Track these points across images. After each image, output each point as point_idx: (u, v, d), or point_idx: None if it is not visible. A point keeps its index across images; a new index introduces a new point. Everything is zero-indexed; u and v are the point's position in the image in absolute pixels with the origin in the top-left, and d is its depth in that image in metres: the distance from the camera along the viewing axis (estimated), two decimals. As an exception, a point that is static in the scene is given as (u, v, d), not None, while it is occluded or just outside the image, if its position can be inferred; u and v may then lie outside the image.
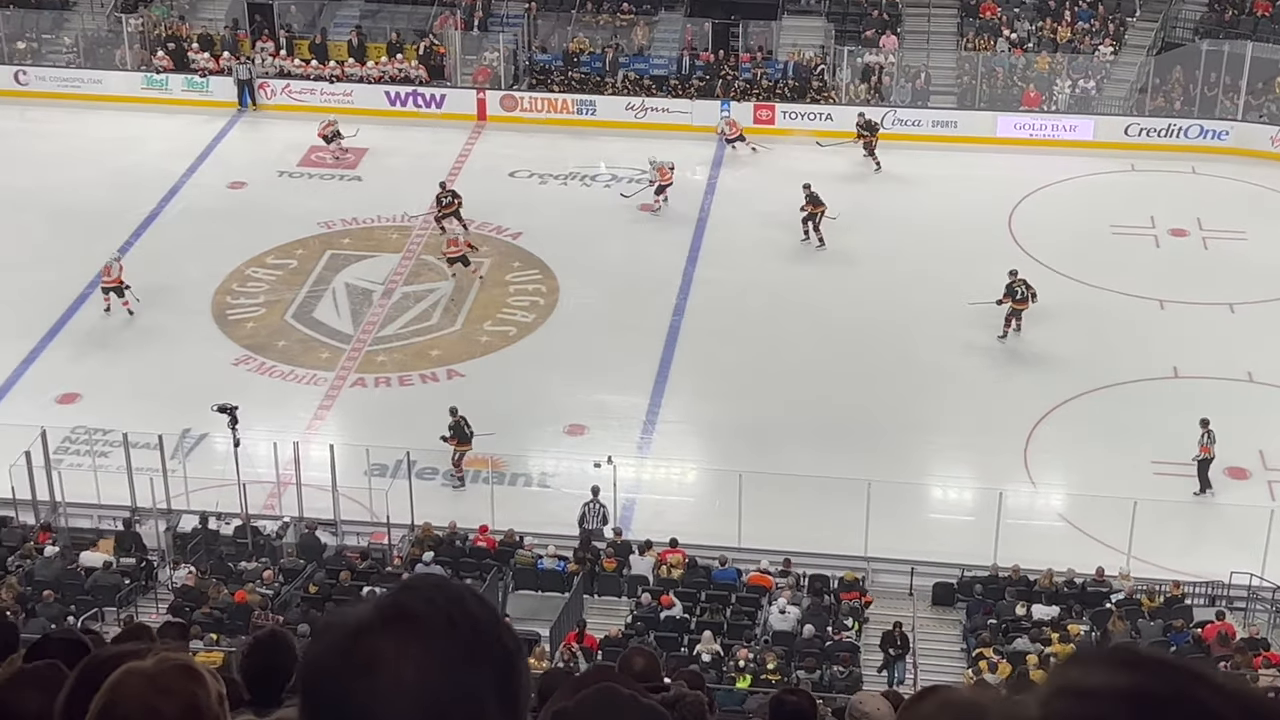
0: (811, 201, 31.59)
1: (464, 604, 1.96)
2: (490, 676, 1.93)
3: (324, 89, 37.94)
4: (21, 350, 28.16)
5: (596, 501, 24.03)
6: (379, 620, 1.92)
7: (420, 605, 1.94)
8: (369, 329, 29.36)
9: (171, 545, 23.65)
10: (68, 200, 33.08)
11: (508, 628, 1.99)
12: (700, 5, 39.03)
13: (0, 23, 39.45)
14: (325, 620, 1.98)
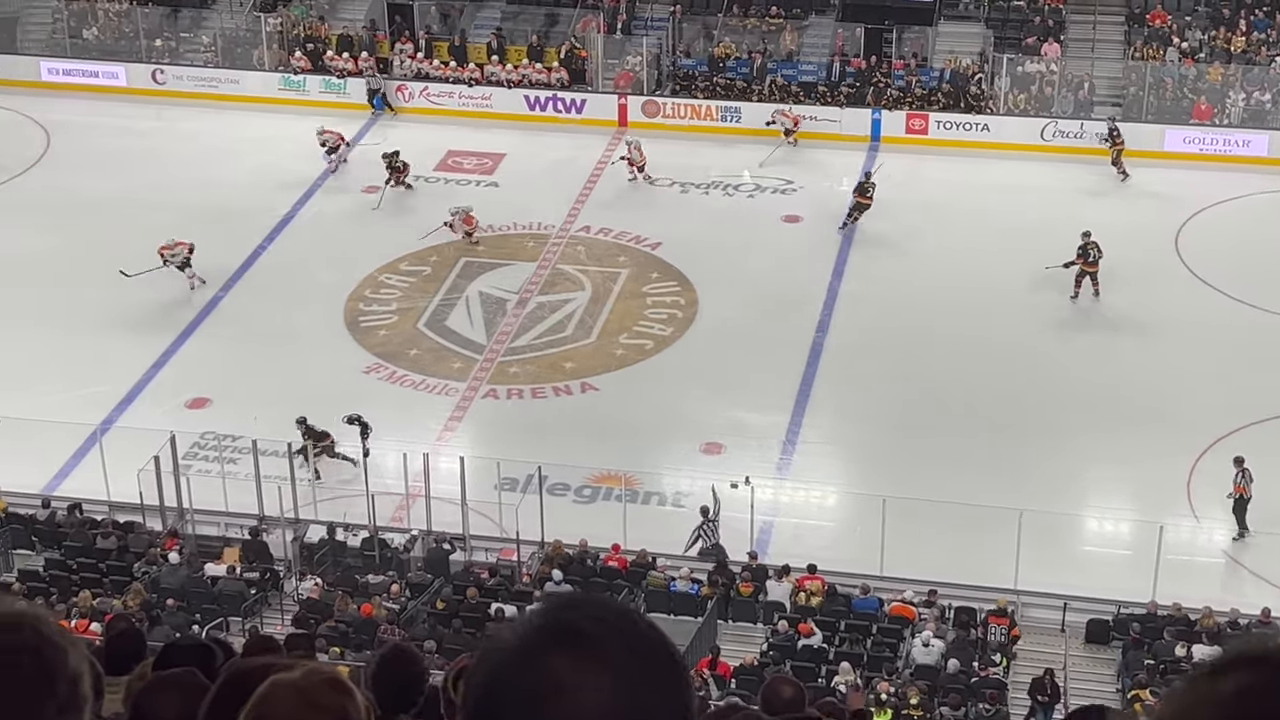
0: (860, 192, 32.14)
1: (635, 623, 1.94)
2: (665, 698, 1.91)
3: (462, 92, 38.38)
4: (153, 353, 28.80)
5: (708, 522, 23.90)
6: (551, 640, 1.90)
7: (590, 624, 1.92)
8: (502, 339, 29.60)
9: (298, 556, 24.01)
10: (202, 201, 33.80)
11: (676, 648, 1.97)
12: (852, 9, 38.87)
13: (139, 20, 40.47)
14: (489, 641, 1.96)
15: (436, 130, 37.39)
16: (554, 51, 38.89)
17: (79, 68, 39.60)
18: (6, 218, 33.31)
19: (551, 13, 40.08)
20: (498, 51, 38.83)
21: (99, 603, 21.39)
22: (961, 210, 33.40)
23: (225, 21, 40.69)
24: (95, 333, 29.09)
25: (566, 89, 38.30)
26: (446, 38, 39.61)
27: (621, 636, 1.91)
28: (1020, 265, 31.12)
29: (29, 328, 29.31)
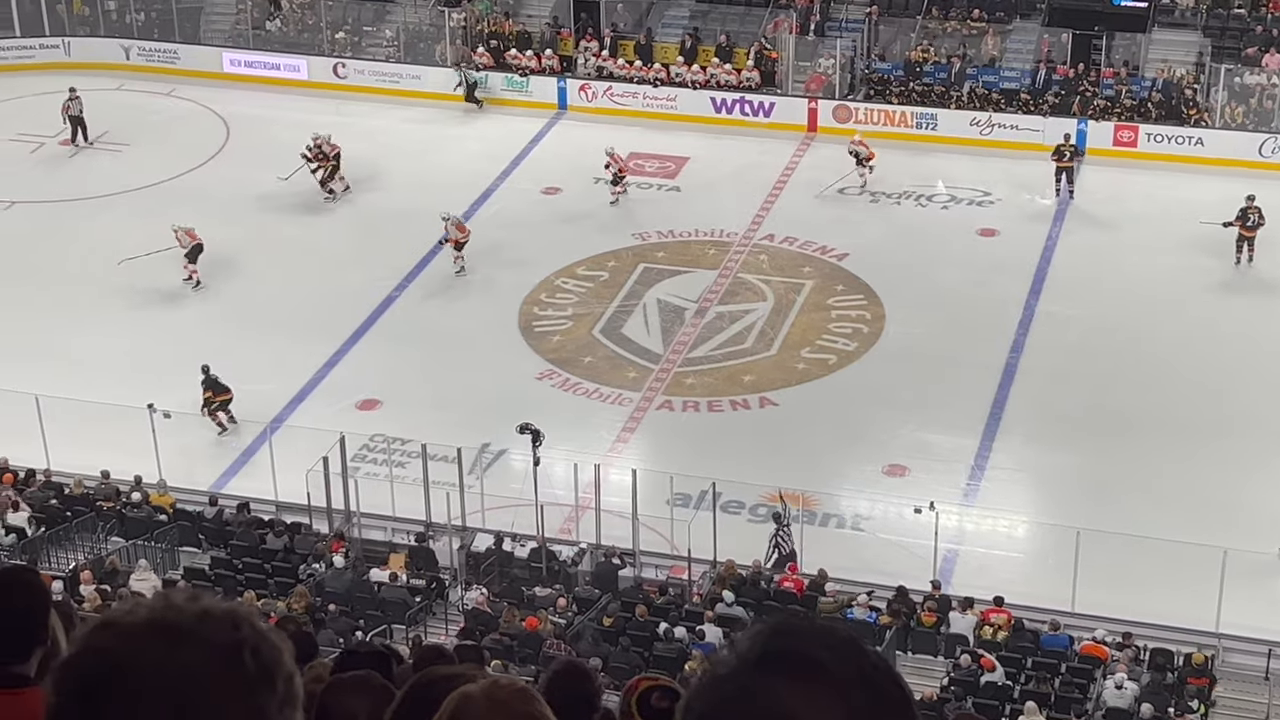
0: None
1: (866, 653, 1.92)
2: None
3: (647, 93, 38.59)
4: (324, 353, 29.40)
5: (782, 529, 24.01)
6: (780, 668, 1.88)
7: (823, 652, 1.89)
8: (679, 349, 29.68)
9: (464, 565, 24.31)
10: (379, 200, 34.44)
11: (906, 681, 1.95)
12: (1060, 14, 38.28)
13: (323, 13, 41.38)
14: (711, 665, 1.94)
15: (618, 131, 37.55)
16: (743, 52, 38.92)
17: (261, 60, 40.61)
18: (184, 209, 34.17)
19: (743, 12, 40.11)
20: (687, 51, 38.97)
21: (264, 604, 21.87)
22: (1171, 229, 32.70)
23: (409, 15, 41.42)
24: (269, 329, 29.78)
25: (755, 91, 38.30)
26: (632, 36, 39.86)
27: (854, 666, 1.88)
28: (1232, 289, 30.38)
29: (203, 322, 30.10)
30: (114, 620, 1.97)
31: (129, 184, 35.05)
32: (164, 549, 24.75)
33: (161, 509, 25.13)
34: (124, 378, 27.60)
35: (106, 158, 36.83)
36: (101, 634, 1.96)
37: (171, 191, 35.00)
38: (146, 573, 23.13)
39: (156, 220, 32.06)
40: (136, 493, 25.18)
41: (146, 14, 41.97)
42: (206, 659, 1.92)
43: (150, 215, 33.23)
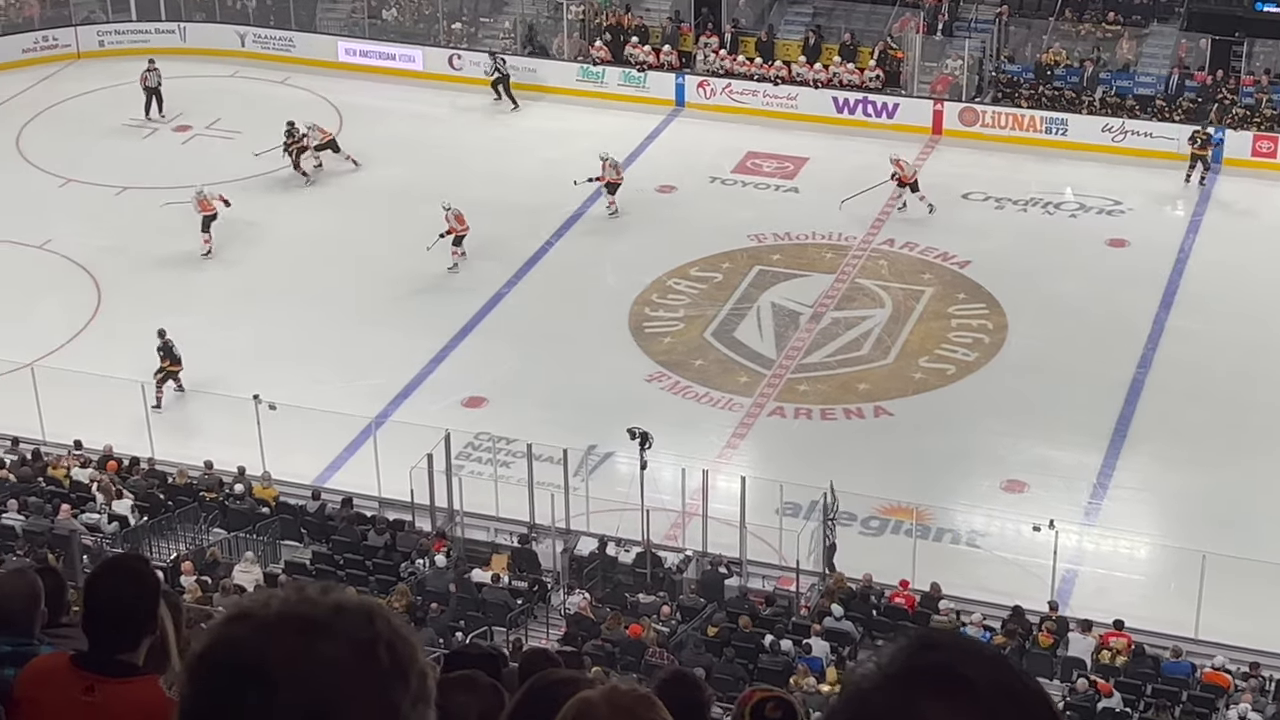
0: None
1: (1013, 670, 1.90)
2: None
3: (767, 91, 38.52)
4: (431, 348, 29.61)
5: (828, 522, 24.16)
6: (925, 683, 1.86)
7: (968, 669, 1.87)
8: (793, 354, 29.59)
9: (567, 568, 24.39)
10: (490, 194, 34.61)
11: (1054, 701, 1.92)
12: (1200, 19, 37.72)
13: (440, 2, 41.69)
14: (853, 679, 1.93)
15: (737, 130, 37.58)
16: (867, 51, 38.73)
17: (376, 49, 41.00)
18: (295, 199, 34.65)
19: (868, 10, 39.93)
20: (809, 49, 38.85)
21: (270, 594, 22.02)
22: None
23: (527, 7, 41.63)
24: (377, 322, 30.05)
25: (878, 92, 38.11)
26: (754, 33, 39.81)
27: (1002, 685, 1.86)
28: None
29: (310, 313, 30.45)
30: (249, 612, 1.99)
31: (239, 172, 35.52)
32: (265, 542, 25.04)
33: (264, 501, 25.44)
34: (229, 368, 27.98)
35: (219, 145, 37.34)
36: (237, 625, 1.98)
37: (281, 181, 35.42)
38: (251, 565, 23.42)
39: (267, 209, 32.46)
40: (239, 484, 25.51)
41: (262, 0, 42.52)
42: (342, 653, 1.93)
43: (263, 203, 33.66)
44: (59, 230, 32.76)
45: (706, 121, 38.24)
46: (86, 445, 26.55)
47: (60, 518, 23.94)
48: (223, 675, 1.94)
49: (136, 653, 3.68)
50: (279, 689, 1.91)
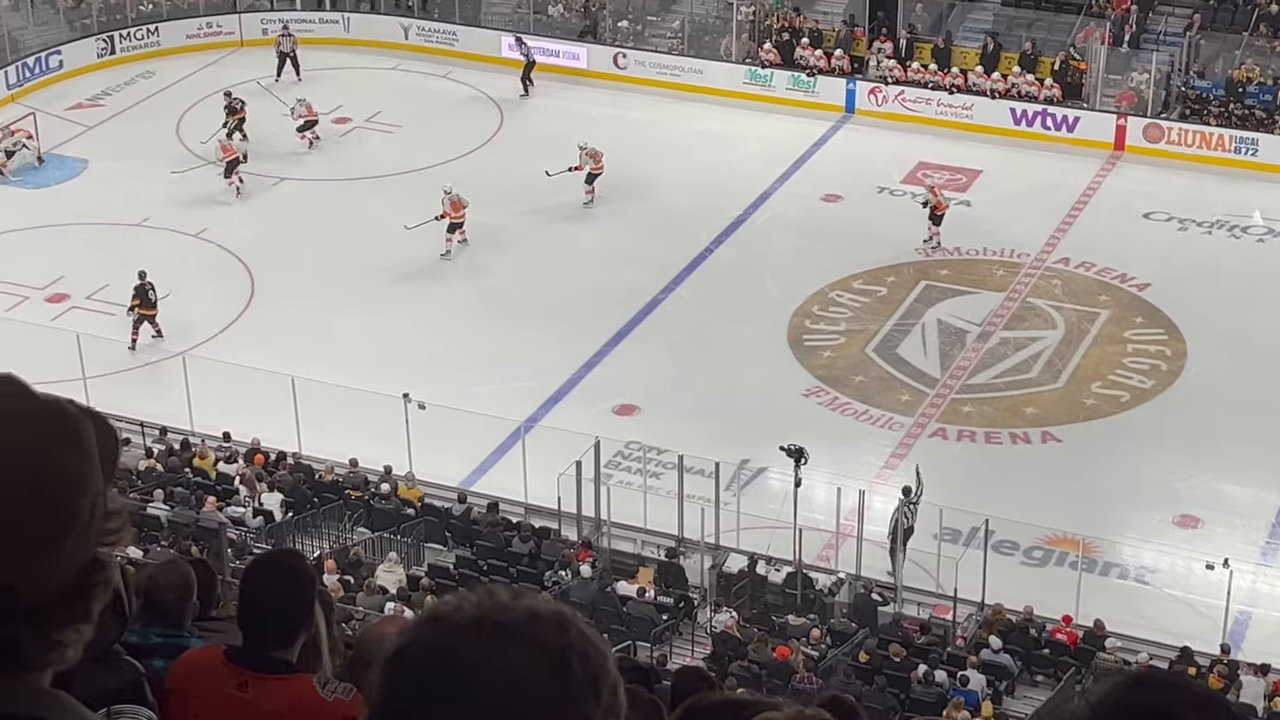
0: None
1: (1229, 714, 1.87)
2: None
3: (942, 99, 38.23)
4: (585, 352, 29.77)
5: (908, 504, 24.23)
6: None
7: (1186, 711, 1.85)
8: (958, 374, 29.33)
9: (714, 585, 24.37)
10: (653, 196, 34.75)
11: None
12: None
13: (607, 0, 41.93)
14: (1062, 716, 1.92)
15: (909, 138, 37.35)
16: (1048, 62, 38.28)
17: (540, 45, 41.30)
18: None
19: (1051, 19, 39.47)
20: (987, 58, 38.50)
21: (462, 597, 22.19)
22: None
23: (696, 7, 41.72)
24: (530, 324, 30.28)
25: (1058, 104, 37.64)
26: (930, 39, 39.54)
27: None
28: None
29: (465, 312, 30.77)
30: (442, 615, 2.01)
31: (398, 166, 36.00)
32: (409, 543, 25.33)
33: (409, 502, 25.74)
34: (381, 364, 28.36)
35: (377, 138, 37.89)
36: (430, 629, 2.01)
37: (440, 176, 35.81)
38: (394, 566, 23.71)
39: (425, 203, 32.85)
40: (385, 484, 25.83)
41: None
42: (535, 661, 1.95)
43: (418, 199, 34.08)
44: (215, 219, 33.41)
45: (877, 129, 38.05)
46: (235, 438, 27.05)
47: (205, 510, 24.41)
48: (415, 679, 1.97)
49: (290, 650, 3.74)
50: (470, 695, 1.93)
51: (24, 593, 2.01)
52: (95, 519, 2.09)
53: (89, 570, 2.10)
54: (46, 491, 2.03)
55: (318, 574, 22.32)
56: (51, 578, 2.05)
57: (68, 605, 2.08)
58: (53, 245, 33.04)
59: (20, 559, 2.01)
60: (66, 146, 37.23)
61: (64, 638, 2.09)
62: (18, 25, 40.84)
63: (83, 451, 2.08)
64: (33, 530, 2.02)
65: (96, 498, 2.08)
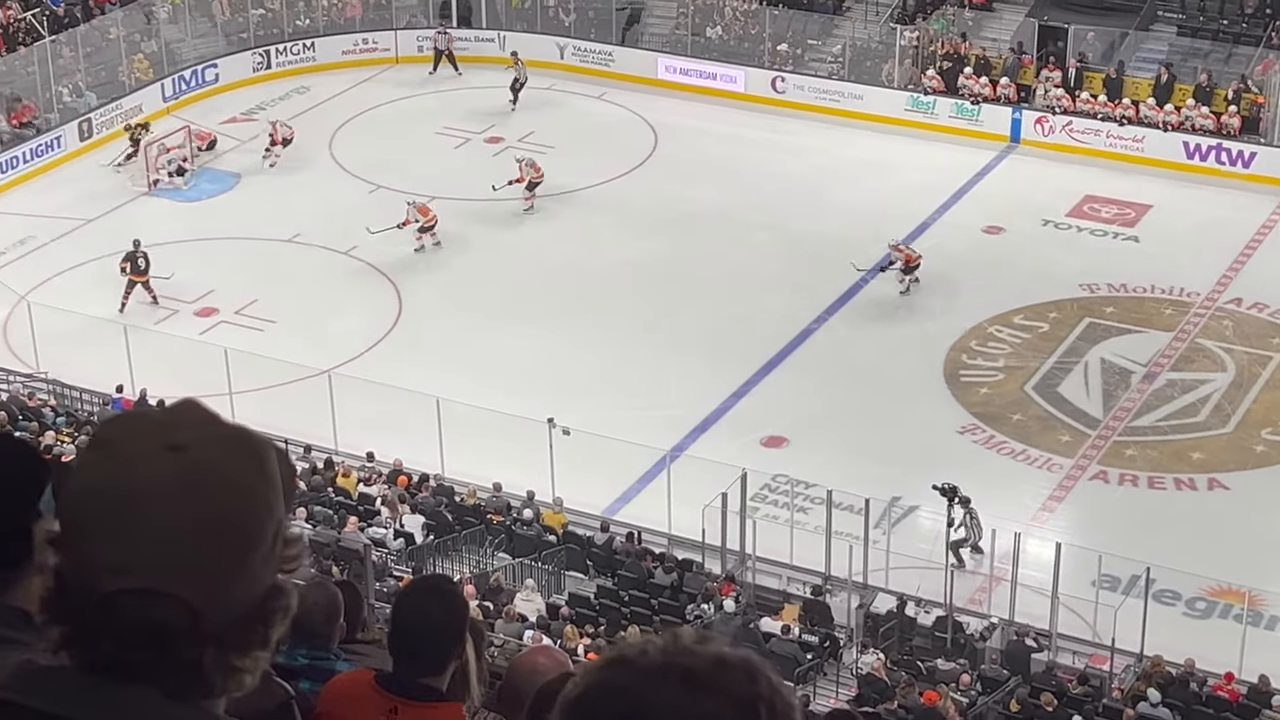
0: None
1: None
2: None
3: (1111, 131, 37.78)
4: (735, 380, 29.74)
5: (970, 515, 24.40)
6: None
7: None
8: (1121, 416, 28.91)
9: (861, 625, 24.21)
10: (808, 224, 34.66)
11: None
12: None
13: (766, 22, 41.94)
14: None
15: (1076, 171, 36.96)
16: (1224, 94, 37.68)
17: (697, 68, 41.45)
18: (603, 219, 35.17)
19: (1228, 50, 38.87)
20: (1160, 89, 37.97)
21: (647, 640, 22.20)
22: None
23: (858, 31, 41.61)
24: (679, 351, 30.31)
25: (1234, 139, 37.03)
26: (1101, 69, 39.08)
27: None
28: None
29: (613, 337, 30.88)
30: (627, 658, 2.01)
31: (551, 188, 36.26)
32: (550, 571, 25.44)
33: (551, 529, 25.85)
34: (526, 387, 28.53)
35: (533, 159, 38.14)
36: (616, 672, 2.00)
37: (592, 199, 36.07)
38: (532, 594, 23.83)
39: (576, 225, 33.05)
40: (528, 509, 25.97)
41: (583, 13, 43.38)
42: (724, 710, 1.94)
43: (569, 220, 34.32)
44: (365, 237, 33.88)
45: (1042, 160, 37.69)
46: (378, 458, 27.37)
47: (347, 530, 24.70)
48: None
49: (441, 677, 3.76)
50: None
51: (208, 616, 2.06)
52: (277, 545, 2.13)
53: (270, 596, 2.14)
54: (234, 516, 2.07)
55: (459, 599, 22.56)
56: (235, 602, 2.09)
57: (249, 631, 2.12)
58: (203, 259, 33.68)
59: (206, 582, 2.06)
60: (220, 161, 37.97)
61: (243, 664, 2.13)
62: (175, 38, 41.75)
63: (268, 477, 2.12)
64: (220, 554, 2.06)
65: (279, 524, 2.13)
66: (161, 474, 2.07)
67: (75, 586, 2.09)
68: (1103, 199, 35.90)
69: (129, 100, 39.44)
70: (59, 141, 37.82)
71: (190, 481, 2.06)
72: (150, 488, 2.06)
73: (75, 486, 2.11)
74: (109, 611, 2.05)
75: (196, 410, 2.16)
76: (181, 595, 2.05)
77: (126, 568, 2.05)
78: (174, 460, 2.08)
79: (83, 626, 2.08)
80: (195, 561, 2.05)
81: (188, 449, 2.09)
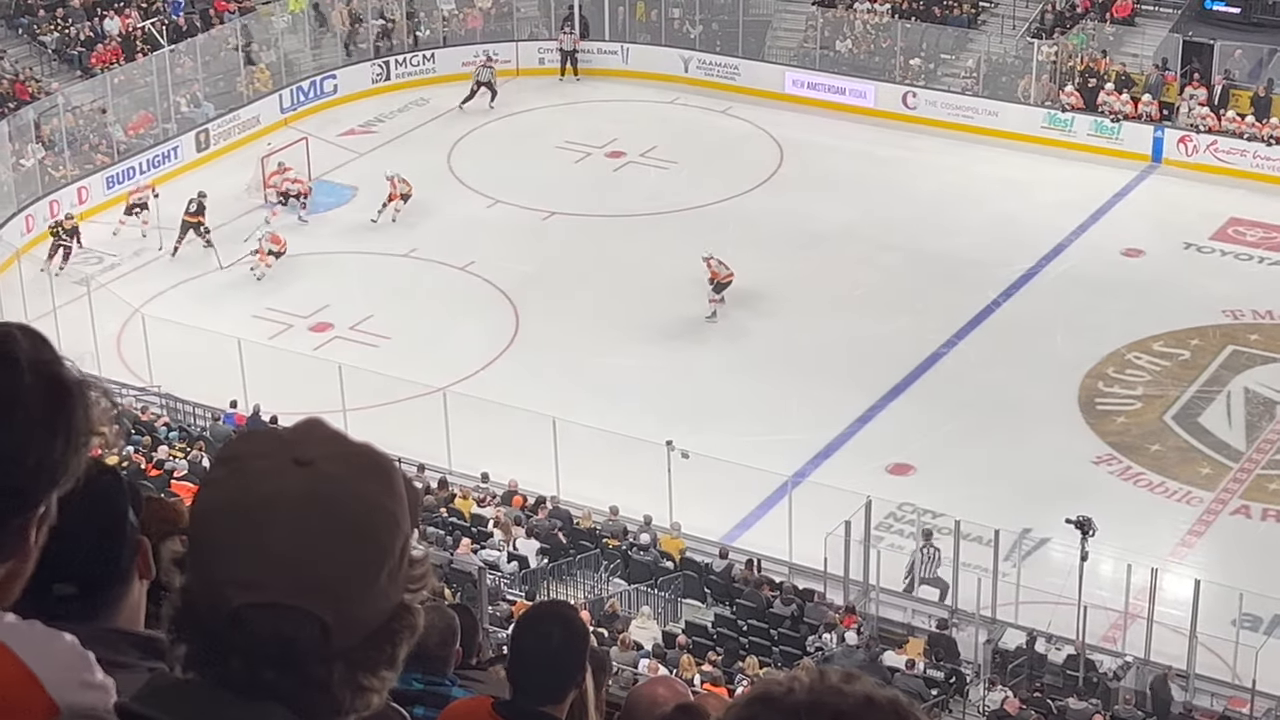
0: None
1: None
2: None
3: (1259, 152, 37.30)
4: (861, 405, 29.62)
5: (930, 546, 24.12)
6: None
7: None
8: (1265, 448, 28.50)
9: (988, 661, 24.00)
10: (939, 244, 34.48)
11: None
12: None
13: (898, 35, 41.80)
14: None
15: (1220, 192, 36.51)
16: (1378, 114, 37.10)
17: (825, 82, 41.39)
18: (726, 237, 35.15)
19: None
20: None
21: (765, 673, 22.18)
22: None
23: (994, 45, 41.37)
24: (803, 374, 30.22)
25: (1388, 160, 36.46)
26: (1248, 86, 38.59)
27: None
28: None
29: (737, 358, 30.85)
30: (773, 696, 2.01)
31: (673, 204, 36.34)
32: (666, 598, 25.44)
33: (669, 555, 25.86)
34: (645, 409, 28.56)
35: (653, 174, 38.30)
36: (760, 709, 2.01)
37: (714, 216, 36.08)
38: (648, 621, 23.84)
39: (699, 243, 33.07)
40: (645, 534, 25.99)
41: (708, 25, 43.43)
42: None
43: (692, 238, 34.36)
44: (483, 252, 34.11)
45: (1185, 181, 37.28)
46: (492, 478, 27.52)
47: (459, 552, 24.83)
48: None
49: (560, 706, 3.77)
50: None
51: (337, 633, 2.08)
52: (404, 562, 2.16)
53: (397, 615, 2.16)
54: (362, 530, 2.10)
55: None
56: (363, 618, 2.12)
57: (376, 649, 2.14)
58: (319, 273, 34.06)
59: (335, 596, 2.08)
60: (337, 173, 38.39)
61: (371, 683, 2.15)
62: (294, 48, 42.31)
63: (395, 493, 2.15)
64: (348, 569, 2.09)
65: (406, 541, 2.15)
66: (289, 487, 2.10)
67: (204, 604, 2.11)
68: (1248, 222, 35.44)
69: (246, 111, 40.00)
70: (176, 152, 38.41)
71: (318, 495, 2.09)
72: (278, 501, 2.09)
73: (203, 501, 2.15)
74: (237, 626, 2.07)
75: (321, 428, 2.19)
76: (311, 610, 2.07)
77: (255, 582, 2.07)
78: (301, 474, 2.11)
79: (211, 644, 2.11)
80: (324, 575, 2.07)
81: (315, 463, 2.12)
